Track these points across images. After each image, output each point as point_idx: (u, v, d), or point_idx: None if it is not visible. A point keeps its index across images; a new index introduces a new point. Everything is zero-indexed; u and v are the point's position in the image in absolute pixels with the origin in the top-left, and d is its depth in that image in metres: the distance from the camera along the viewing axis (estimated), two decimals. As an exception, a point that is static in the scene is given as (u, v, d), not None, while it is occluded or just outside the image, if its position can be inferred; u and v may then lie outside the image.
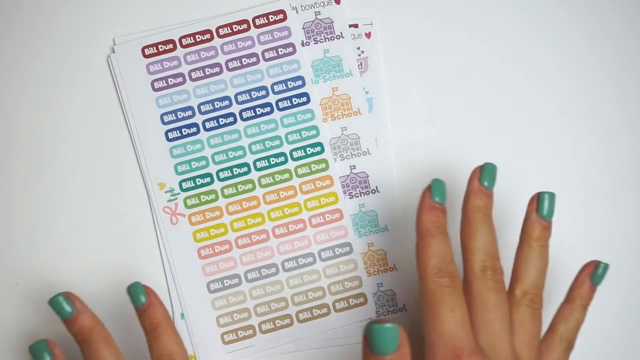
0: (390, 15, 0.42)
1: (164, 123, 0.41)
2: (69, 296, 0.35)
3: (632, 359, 0.41)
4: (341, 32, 0.41)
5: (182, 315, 0.40)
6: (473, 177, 0.35)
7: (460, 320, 0.30)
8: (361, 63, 0.41)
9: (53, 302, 0.35)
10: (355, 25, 0.41)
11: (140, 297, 0.36)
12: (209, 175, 0.41)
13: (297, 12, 0.41)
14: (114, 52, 0.41)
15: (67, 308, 0.35)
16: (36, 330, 0.40)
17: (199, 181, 0.41)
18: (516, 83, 0.42)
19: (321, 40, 0.41)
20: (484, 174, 0.34)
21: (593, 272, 0.35)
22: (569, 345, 0.34)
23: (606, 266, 0.35)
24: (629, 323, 0.41)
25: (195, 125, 0.41)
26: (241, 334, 0.40)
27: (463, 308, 0.31)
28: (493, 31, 0.42)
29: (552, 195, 0.35)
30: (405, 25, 0.42)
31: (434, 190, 0.34)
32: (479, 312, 0.32)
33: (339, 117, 0.41)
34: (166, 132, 0.41)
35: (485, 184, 0.34)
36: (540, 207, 0.35)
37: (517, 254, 0.35)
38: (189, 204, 0.41)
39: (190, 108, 0.41)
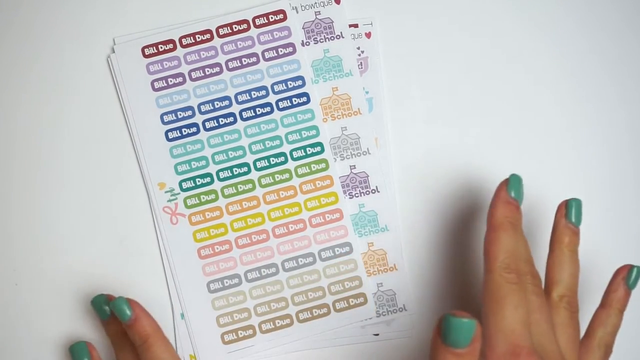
0: (390, 15, 0.42)
1: (164, 123, 0.41)
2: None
3: (635, 359, 0.41)
4: (341, 32, 0.41)
5: (182, 315, 0.40)
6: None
7: (522, 318, 0.31)
8: (361, 63, 0.41)
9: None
10: (355, 25, 0.41)
11: (126, 312, 0.36)
12: (209, 175, 0.41)
13: (297, 12, 0.41)
14: (114, 52, 0.41)
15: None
16: (36, 329, 0.40)
17: (199, 181, 0.41)
18: (516, 82, 0.42)
19: (321, 40, 0.41)
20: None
21: (627, 276, 0.36)
22: (608, 350, 0.35)
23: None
24: (633, 323, 0.41)
25: (195, 125, 0.41)
26: (241, 334, 0.40)
27: (526, 307, 0.31)
28: (493, 31, 0.42)
29: (579, 202, 0.36)
30: (405, 25, 0.42)
31: (511, 184, 0.34)
32: None
33: (339, 117, 0.41)
34: (166, 132, 0.41)
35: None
36: (569, 213, 0.36)
37: (550, 260, 0.36)
38: (189, 204, 0.41)
39: (190, 108, 0.41)
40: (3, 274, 0.41)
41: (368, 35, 0.41)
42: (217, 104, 0.41)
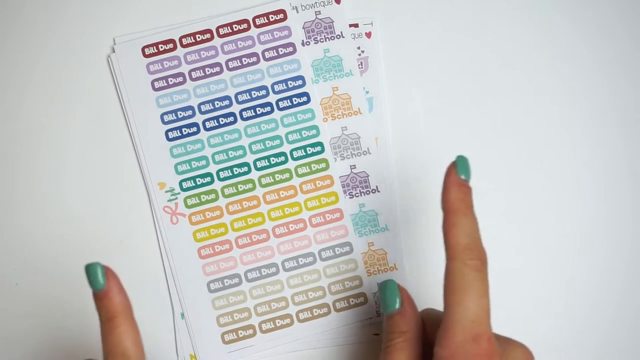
0: (390, 15, 0.42)
1: (164, 123, 0.41)
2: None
3: (629, 359, 0.41)
4: (341, 32, 0.41)
5: (182, 315, 0.40)
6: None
7: (485, 307, 0.30)
8: (361, 63, 0.41)
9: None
10: (356, 25, 0.41)
11: (99, 280, 0.31)
12: (209, 174, 0.41)
13: (298, 12, 0.41)
14: (114, 51, 0.41)
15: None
16: (36, 329, 0.40)
17: (199, 181, 0.41)
18: (516, 83, 0.42)
19: (321, 40, 0.41)
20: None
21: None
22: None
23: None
24: (626, 322, 0.41)
25: (195, 124, 0.41)
26: (241, 333, 0.40)
27: (488, 292, 0.30)
28: (493, 31, 0.42)
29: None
30: (405, 25, 0.42)
31: (460, 166, 0.32)
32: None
33: (339, 116, 0.41)
34: (166, 132, 0.41)
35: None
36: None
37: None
38: (189, 204, 0.41)
39: (190, 108, 0.41)
40: (3, 274, 0.41)
41: (368, 35, 0.41)
42: (218, 104, 0.41)
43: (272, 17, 0.41)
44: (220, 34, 0.41)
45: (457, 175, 0.32)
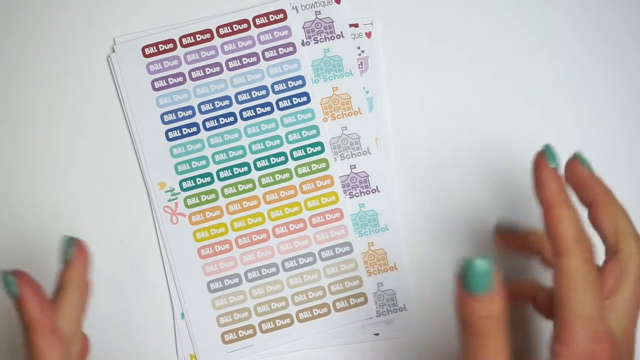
0: (390, 14, 0.42)
1: (164, 122, 0.41)
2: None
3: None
4: (341, 32, 0.41)
5: (182, 315, 0.40)
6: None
7: (602, 301, 0.29)
8: (361, 63, 0.41)
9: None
10: (356, 25, 0.41)
11: (12, 290, 0.31)
12: (209, 174, 0.41)
13: (298, 12, 0.41)
14: (114, 51, 0.41)
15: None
16: (36, 330, 0.40)
17: (199, 181, 0.41)
18: (516, 83, 0.42)
19: (321, 40, 0.41)
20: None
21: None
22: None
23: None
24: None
25: (195, 124, 0.41)
26: (241, 333, 0.40)
27: (602, 286, 0.29)
28: (493, 31, 0.42)
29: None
30: (405, 25, 0.42)
31: (549, 155, 0.30)
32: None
33: (339, 116, 0.41)
34: (166, 132, 0.41)
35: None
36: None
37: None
38: (189, 204, 0.41)
39: (190, 107, 0.41)
40: (3, 274, 0.40)
41: (368, 35, 0.41)
42: (218, 104, 0.41)
43: (272, 17, 0.41)
44: (220, 33, 0.41)
45: (549, 165, 0.30)
